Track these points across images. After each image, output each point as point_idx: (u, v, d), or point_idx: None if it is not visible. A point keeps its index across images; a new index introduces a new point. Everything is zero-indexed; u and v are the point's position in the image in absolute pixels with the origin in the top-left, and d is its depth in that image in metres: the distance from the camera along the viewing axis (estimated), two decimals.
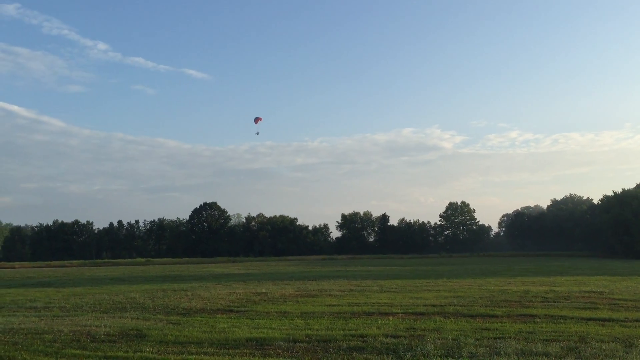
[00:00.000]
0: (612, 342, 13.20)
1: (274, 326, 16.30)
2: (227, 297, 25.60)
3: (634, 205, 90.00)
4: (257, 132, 62.15)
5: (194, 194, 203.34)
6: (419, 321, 16.89)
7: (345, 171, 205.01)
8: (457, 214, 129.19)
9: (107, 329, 16.08)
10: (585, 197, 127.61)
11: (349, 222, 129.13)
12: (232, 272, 51.88)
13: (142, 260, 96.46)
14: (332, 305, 21.67)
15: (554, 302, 21.75)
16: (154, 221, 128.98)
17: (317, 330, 15.43)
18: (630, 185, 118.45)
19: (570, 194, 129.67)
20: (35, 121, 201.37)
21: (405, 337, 14.04)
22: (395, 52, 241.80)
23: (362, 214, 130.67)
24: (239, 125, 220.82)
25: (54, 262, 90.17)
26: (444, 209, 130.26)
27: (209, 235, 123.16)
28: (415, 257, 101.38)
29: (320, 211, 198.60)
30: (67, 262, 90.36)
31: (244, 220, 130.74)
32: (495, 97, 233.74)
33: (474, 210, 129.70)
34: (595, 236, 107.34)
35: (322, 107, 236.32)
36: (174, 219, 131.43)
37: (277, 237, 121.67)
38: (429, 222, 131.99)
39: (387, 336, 14.23)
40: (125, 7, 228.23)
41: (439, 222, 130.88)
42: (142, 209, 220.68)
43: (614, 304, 20.80)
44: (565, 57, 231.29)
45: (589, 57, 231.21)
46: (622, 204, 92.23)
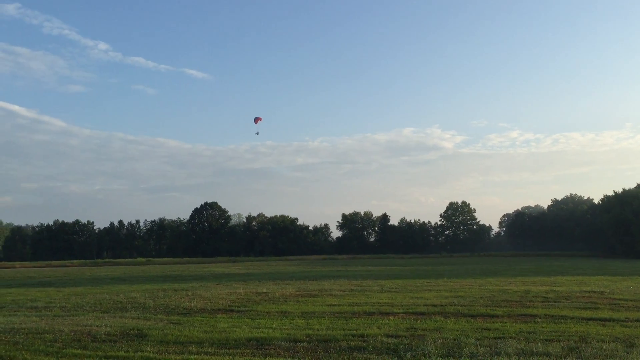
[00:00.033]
0: (613, 342, 13.20)
1: (274, 326, 16.30)
2: (228, 297, 25.61)
3: (634, 205, 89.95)
4: (257, 132, 62.41)
5: (195, 193, 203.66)
6: (419, 321, 16.89)
7: (345, 171, 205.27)
8: (458, 213, 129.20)
9: (108, 329, 16.09)
10: (585, 197, 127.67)
11: (350, 222, 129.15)
12: (232, 272, 51.89)
13: (143, 260, 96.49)
14: (333, 305, 21.67)
15: (555, 302, 21.75)
16: (155, 221, 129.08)
17: (317, 330, 15.44)
18: (630, 185, 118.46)
19: (570, 194, 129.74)
20: (35, 121, 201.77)
21: (405, 337, 14.04)
22: (395, 51, 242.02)
23: (362, 213, 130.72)
24: (240, 125, 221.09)
25: (54, 262, 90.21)
26: (445, 209, 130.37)
27: (209, 235, 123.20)
28: (415, 257, 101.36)
29: (320, 211, 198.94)
30: (67, 261, 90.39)
31: (245, 220, 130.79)
32: (495, 97, 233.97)
33: (475, 210, 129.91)
34: (595, 236, 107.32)
35: (322, 107, 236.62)
36: (175, 218, 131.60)
37: (278, 237, 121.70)
38: (429, 222, 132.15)
39: (387, 336, 14.23)
40: (125, 7, 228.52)
41: (439, 222, 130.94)
42: (142, 209, 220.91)
43: (615, 304, 20.80)
44: (565, 57, 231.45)
45: (589, 57, 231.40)
46: (623, 204, 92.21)
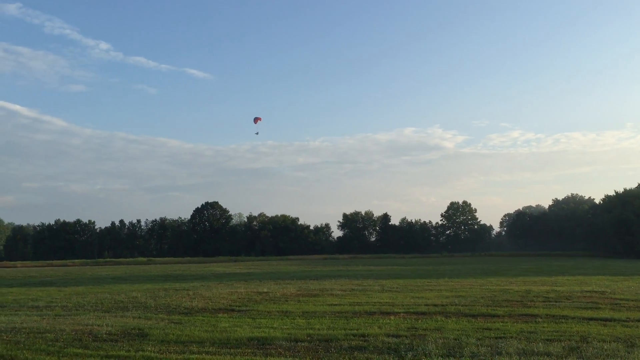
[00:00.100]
0: (614, 342, 13.19)
1: (275, 325, 16.31)
2: (229, 296, 25.62)
3: (635, 205, 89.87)
4: (257, 132, 62.61)
5: (196, 193, 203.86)
6: (420, 321, 16.89)
7: (346, 171, 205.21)
8: (459, 213, 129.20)
9: (109, 328, 16.10)
10: (587, 197, 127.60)
11: (351, 221, 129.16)
12: (233, 272, 51.91)
13: (144, 259, 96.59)
14: (334, 304, 21.67)
15: (556, 302, 21.73)
16: (156, 220, 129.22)
17: (318, 329, 15.44)
18: (632, 185, 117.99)
19: (572, 194, 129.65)
20: (37, 120, 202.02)
21: (406, 337, 14.03)
22: (396, 51, 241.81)
23: (363, 213, 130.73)
24: (241, 124, 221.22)
25: (55, 262, 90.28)
26: (446, 209, 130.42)
27: (210, 234, 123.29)
28: (416, 256, 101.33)
29: (321, 211, 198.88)
30: (69, 261, 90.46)
31: (246, 219, 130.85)
32: (496, 96, 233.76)
33: (476, 210, 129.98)
34: (596, 236, 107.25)
35: (323, 106, 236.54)
36: (176, 218, 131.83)
37: (279, 237, 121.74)
38: (430, 222, 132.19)
39: (388, 336, 14.23)
40: (126, 7, 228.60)
41: (440, 222, 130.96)
42: (143, 209, 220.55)
43: (616, 304, 20.77)
44: (566, 57, 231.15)
45: (590, 56, 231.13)
46: (624, 204, 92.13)
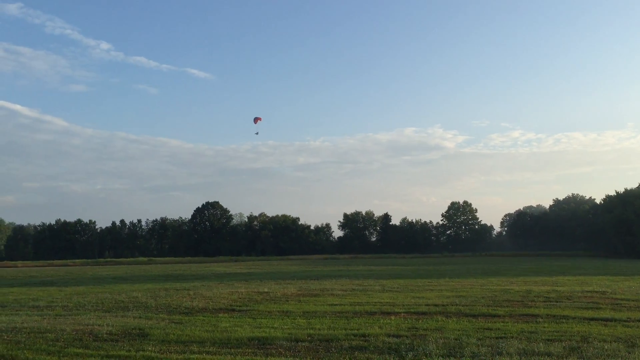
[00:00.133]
0: (615, 342, 13.17)
1: (276, 325, 16.30)
2: (229, 296, 25.62)
3: (636, 205, 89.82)
4: (257, 132, 62.78)
5: (196, 193, 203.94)
6: (421, 321, 16.87)
7: (347, 171, 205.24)
8: (459, 213, 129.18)
9: (110, 328, 16.10)
10: (587, 197, 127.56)
11: (351, 221, 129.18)
12: (234, 272, 51.92)
13: (145, 259, 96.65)
14: (334, 304, 21.67)
15: (556, 302, 21.71)
16: (157, 220, 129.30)
17: (319, 329, 15.43)
18: (632, 185, 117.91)
19: (572, 194, 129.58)
20: (37, 120, 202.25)
21: (407, 337, 14.02)
22: (397, 51, 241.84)
23: (364, 213, 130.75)
24: (241, 124, 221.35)
25: (56, 261, 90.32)
26: (446, 209, 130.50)
27: (211, 234, 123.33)
28: (417, 256, 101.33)
29: (322, 211, 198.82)
30: (69, 261, 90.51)
31: (246, 219, 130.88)
32: (497, 96, 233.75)
33: (476, 209, 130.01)
34: (597, 236, 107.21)
35: (324, 106, 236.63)
36: (176, 218, 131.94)
37: (279, 237, 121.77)
38: (431, 222, 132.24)
39: (389, 336, 14.22)
40: (127, 7, 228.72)
41: (441, 222, 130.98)
42: (144, 208, 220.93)
43: (617, 304, 20.75)
44: (567, 57, 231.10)
45: (591, 56, 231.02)
46: (625, 204, 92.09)
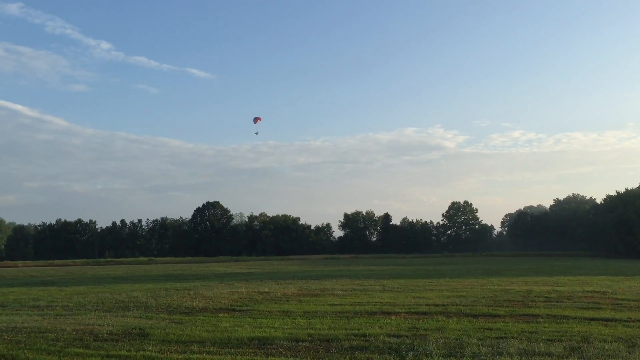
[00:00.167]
0: (615, 342, 13.17)
1: (276, 325, 16.30)
2: (230, 296, 25.62)
3: (637, 205, 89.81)
4: (256, 132, 63.06)
5: (197, 193, 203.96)
6: (421, 321, 16.87)
7: (347, 170, 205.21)
8: (460, 213, 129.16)
9: (110, 328, 16.10)
10: (588, 197, 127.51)
11: (352, 221, 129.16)
12: (234, 272, 51.93)
13: (145, 259, 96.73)
14: (335, 304, 21.66)
15: (557, 302, 21.70)
16: (157, 220, 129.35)
17: (319, 329, 15.43)
18: (633, 185, 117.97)
19: (573, 194, 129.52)
20: (38, 120, 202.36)
21: (407, 337, 14.02)
22: (397, 51, 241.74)
23: (364, 213, 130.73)
24: (242, 124, 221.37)
25: (57, 261, 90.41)
26: (447, 209, 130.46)
27: (211, 234, 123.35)
28: (417, 256, 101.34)
29: (322, 210, 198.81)
30: (70, 261, 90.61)
31: (247, 219, 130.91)
32: (498, 96, 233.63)
33: (477, 209, 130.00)
34: (598, 236, 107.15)
35: (324, 106, 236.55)
36: (177, 218, 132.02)
37: (280, 237, 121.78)
38: (431, 222, 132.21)
39: (389, 336, 14.22)
40: (128, 7, 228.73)
41: (441, 222, 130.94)
42: (144, 208, 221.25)
43: (617, 304, 20.73)
44: (567, 57, 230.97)
45: (591, 56, 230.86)
46: (625, 204, 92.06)
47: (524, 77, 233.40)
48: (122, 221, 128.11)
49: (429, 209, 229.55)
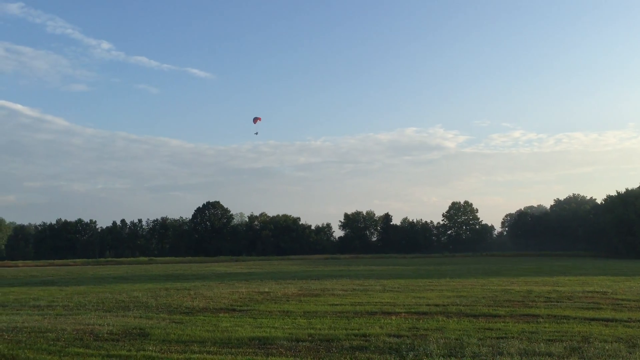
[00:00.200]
0: (615, 342, 13.16)
1: (276, 325, 16.30)
2: (230, 296, 25.62)
3: (637, 205, 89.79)
4: (256, 132, 63.67)
5: (197, 193, 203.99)
6: (421, 321, 16.87)
7: (348, 170, 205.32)
8: (460, 213, 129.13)
9: (110, 328, 16.11)
10: (588, 197, 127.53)
11: (352, 221, 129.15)
12: (234, 271, 51.94)
13: (145, 259, 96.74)
14: (335, 304, 21.66)
15: (557, 302, 21.69)
16: (157, 220, 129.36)
17: (319, 329, 15.43)
18: (633, 185, 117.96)
19: (573, 194, 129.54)
20: (38, 120, 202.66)
21: (408, 337, 14.02)
22: (398, 51, 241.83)
23: (364, 213, 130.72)
24: (242, 124, 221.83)
25: (57, 261, 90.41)
26: (447, 209, 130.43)
27: (211, 234, 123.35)
28: (418, 256, 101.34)
29: (323, 210, 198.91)
30: (70, 260, 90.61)
31: (247, 219, 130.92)
32: (498, 96, 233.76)
33: (477, 209, 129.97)
34: (598, 236, 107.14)
35: (325, 106, 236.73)
36: (177, 218, 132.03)
37: (280, 237, 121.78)
38: (431, 222, 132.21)
39: (389, 336, 14.21)
40: (128, 7, 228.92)
41: (441, 222, 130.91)
42: (145, 208, 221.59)
43: (617, 304, 20.72)
44: (568, 57, 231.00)
45: (592, 56, 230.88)
46: (626, 204, 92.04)
47: (525, 77, 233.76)
48: (123, 221, 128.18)
49: (430, 209, 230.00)
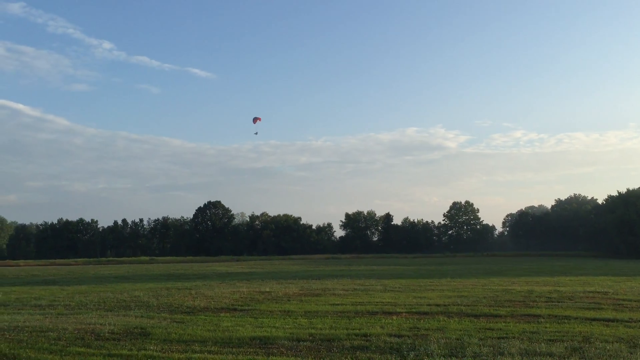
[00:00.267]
0: (616, 342, 13.15)
1: (277, 325, 16.31)
2: (231, 295, 25.63)
3: (638, 205, 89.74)
4: (256, 132, 64.03)
5: (198, 192, 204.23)
6: (422, 321, 16.87)
7: (349, 170, 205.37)
8: (461, 213, 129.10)
9: (112, 327, 16.12)
10: (589, 197, 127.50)
11: (353, 221, 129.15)
12: (235, 271, 51.96)
13: (146, 258, 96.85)
14: (336, 304, 21.66)
15: (558, 302, 21.67)
16: (158, 220, 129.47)
17: (320, 329, 15.43)
18: (634, 185, 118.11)
19: (574, 194, 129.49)
20: (40, 120, 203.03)
21: (408, 337, 14.02)
22: (398, 51, 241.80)
23: (365, 213, 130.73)
24: (243, 124, 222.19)
25: (58, 260, 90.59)
26: (448, 209, 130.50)
27: (212, 234, 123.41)
28: (418, 256, 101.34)
29: (324, 210, 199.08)
30: (71, 260, 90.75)
31: (248, 219, 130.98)
32: (499, 96, 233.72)
33: (478, 209, 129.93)
34: (599, 236, 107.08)
35: (326, 106, 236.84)
36: (178, 217, 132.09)
37: (281, 236, 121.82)
38: (432, 222, 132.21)
39: (390, 335, 14.21)
40: (130, 6, 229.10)
41: (442, 222, 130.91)
42: (146, 208, 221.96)
43: (618, 305, 20.70)
44: (569, 57, 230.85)
45: (593, 56, 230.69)
46: (627, 204, 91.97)
47: (526, 77, 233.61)
48: (124, 220, 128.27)
49: (430, 209, 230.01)
